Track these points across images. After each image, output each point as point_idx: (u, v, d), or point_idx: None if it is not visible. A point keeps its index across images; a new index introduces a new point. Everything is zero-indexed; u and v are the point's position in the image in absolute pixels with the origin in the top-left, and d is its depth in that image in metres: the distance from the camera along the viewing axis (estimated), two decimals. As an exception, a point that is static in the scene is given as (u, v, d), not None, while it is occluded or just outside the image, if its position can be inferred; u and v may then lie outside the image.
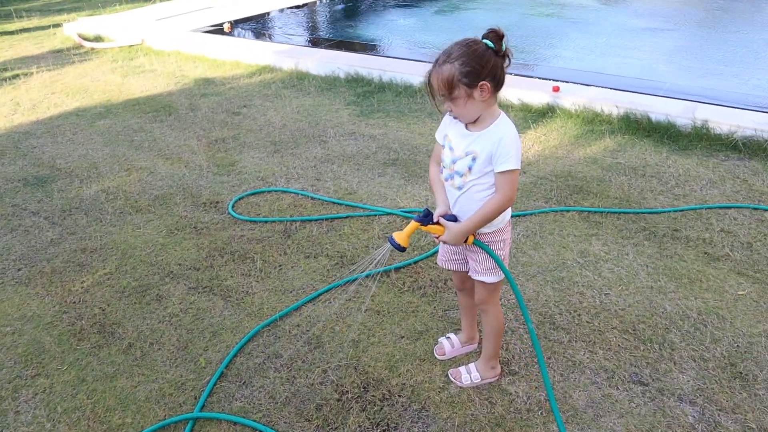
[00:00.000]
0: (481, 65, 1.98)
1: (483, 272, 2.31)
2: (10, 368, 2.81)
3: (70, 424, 2.49)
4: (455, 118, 2.14)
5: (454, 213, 2.23)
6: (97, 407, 2.56)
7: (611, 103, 5.02)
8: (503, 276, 2.31)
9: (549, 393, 2.25)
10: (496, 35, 1.99)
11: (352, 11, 10.20)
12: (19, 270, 3.55)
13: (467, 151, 2.13)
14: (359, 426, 2.39)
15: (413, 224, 2.17)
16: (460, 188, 2.18)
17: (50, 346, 2.93)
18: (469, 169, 2.12)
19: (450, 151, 2.19)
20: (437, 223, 2.19)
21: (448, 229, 2.17)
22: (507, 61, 2.03)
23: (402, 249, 2.17)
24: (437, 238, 2.23)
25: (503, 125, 2.10)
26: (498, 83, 2.04)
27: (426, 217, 2.16)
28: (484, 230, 2.23)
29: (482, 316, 2.50)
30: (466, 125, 2.14)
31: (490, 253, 2.23)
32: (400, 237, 2.16)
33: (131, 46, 8.43)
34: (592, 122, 4.96)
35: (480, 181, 2.14)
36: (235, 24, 8.85)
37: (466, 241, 2.19)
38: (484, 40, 2.00)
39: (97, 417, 2.52)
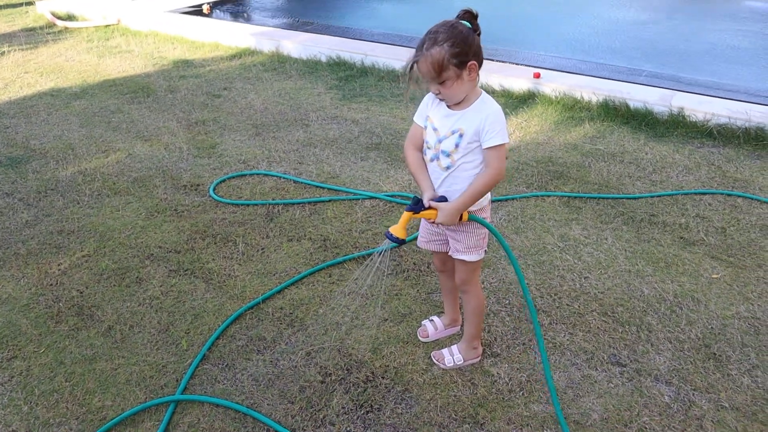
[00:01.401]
0: (468, 45, 2.00)
1: (463, 251, 2.32)
2: (-14, 351, 2.78)
3: (48, 407, 2.47)
4: (442, 100, 2.15)
5: (440, 194, 2.24)
6: (76, 390, 2.54)
7: (591, 90, 5.07)
8: (483, 255, 2.34)
9: (546, 370, 2.26)
10: (471, 15, 2.04)
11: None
12: (-6, 252, 3.49)
13: (453, 129, 2.14)
14: (343, 408, 2.40)
15: (406, 215, 2.16)
16: (447, 168, 2.18)
17: (27, 329, 2.89)
18: (456, 146, 2.13)
19: (434, 132, 2.20)
20: (429, 207, 2.18)
21: (441, 210, 2.16)
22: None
23: (401, 242, 2.17)
24: (432, 221, 2.23)
25: (488, 102, 2.13)
26: (481, 62, 2.07)
27: (417, 205, 2.16)
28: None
29: (463, 297, 2.52)
30: (449, 105, 2.15)
31: (487, 226, 2.24)
32: (396, 230, 2.15)
33: (107, 26, 8.27)
34: (572, 109, 5.00)
35: (467, 159, 2.15)
36: (214, 6, 8.72)
37: (461, 219, 2.19)
38: (462, 21, 2.02)
39: (76, 399, 2.50)
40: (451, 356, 2.56)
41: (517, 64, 5.86)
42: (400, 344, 2.69)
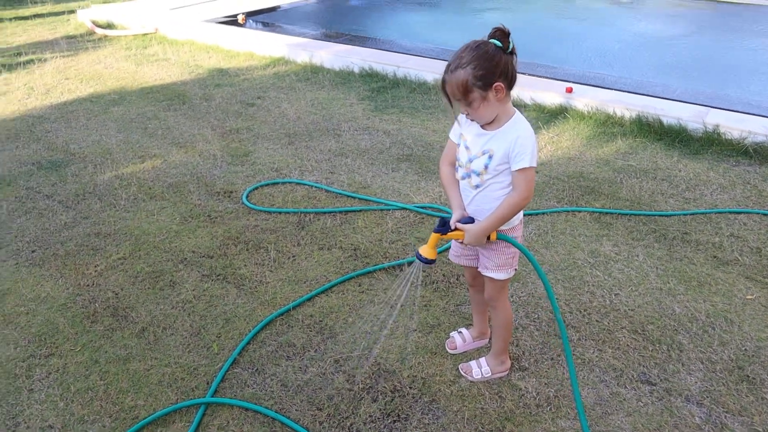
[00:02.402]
0: (493, 66, 1.99)
1: (492, 269, 2.33)
2: (24, 347, 2.85)
3: (83, 404, 2.53)
4: (472, 120, 2.16)
5: (469, 211, 2.25)
6: (110, 388, 2.60)
7: (623, 106, 5.04)
8: (512, 274, 2.35)
9: (574, 386, 2.21)
10: (502, 33, 2.00)
11: (367, 6, 10.21)
12: (33, 252, 3.59)
13: (484, 150, 2.14)
14: (370, 416, 2.42)
15: (434, 236, 2.19)
16: (477, 187, 2.20)
17: (64, 327, 2.97)
18: (486, 167, 2.14)
19: (466, 150, 2.21)
20: (456, 228, 2.21)
21: (467, 232, 2.19)
22: (515, 57, 2.04)
23: (431, 262, 2.20)
24: (460, 242, 2.25)
25: (519, 123, 2.11)
26: (511, 81, 2.05)
27: (444, 227, 2.19)
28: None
29: (491, 312, 2.53)
30: (481, 125, 2.16)
31: (517, 245, 2.25)
32: (425, 251, 2.19)
33: (145, 34, 8.46)
34: (605, 124, 4.98)
35: (497, 179, 2.16)
36: (249, 16, 8.87)
37: (489, 239, 2.21)
38: (492, 40, 2.01)
39: (109, 398, 2.55)
40: (479, 369, 2.56)
41: (549, 78, 5.85)
42: (429, 355, 2.71)
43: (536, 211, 3.78)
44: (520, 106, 5.45)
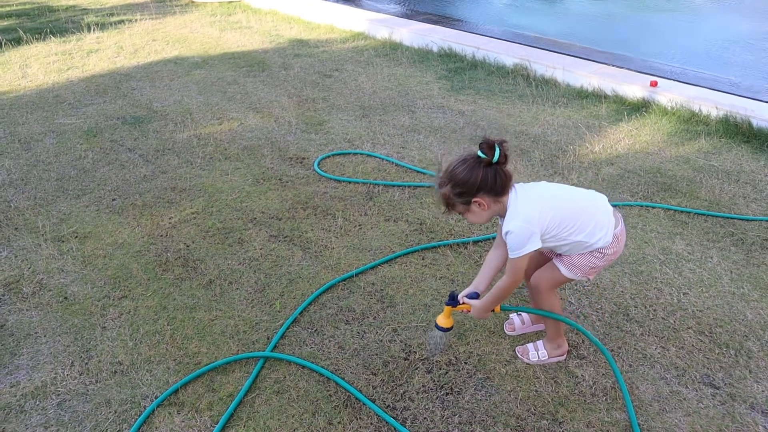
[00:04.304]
0: (470, 186, 2.11)
1: (564, 265, 2.33)
2: (100, 288, 3.01)
3: (150, 346, 2.65)
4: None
5: None
6: (176, 334, 2.71)
7: (710, 104, 4.83)
8: (579, 278, 2.36)
9: (619, 379, 2.21)
10: (488, 146, 2.06)
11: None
12: (113, 200, 3.76)
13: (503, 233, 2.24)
14: (423, 386, 2.44)
15: (447, 308, 2.41)
16: None
17: (137, 273, 3.11)
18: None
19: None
20: (463, 303, 2.42)
21: (473, 306, 2.38)
22: (506, 162, 2.11)
23: (449, 329, 2.44)
24: (468, 312, 2.43)
25: (512, 218, 2.16)
26: (496, 189, 2.12)
27: (453, 300, 2.39)
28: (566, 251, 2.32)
29: (536, 300, 2.50)
30: None
31: (546, 314, 2.45)
32: (442, 321, 2.42)
33: (230, 2, 8.64)
34: (689, 121, 4.80)
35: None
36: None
37: (493, 311, 2.41)
38: (478, 151, 2.08)
39: (175, 343, 2.67)
40: (536, 351, 2.54)
41: (633, 70, 5.66)
42: (486, 333, 2.70)
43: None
44: (600, 96, 5.31)
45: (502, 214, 2.21)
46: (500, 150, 2.06)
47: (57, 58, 6.48)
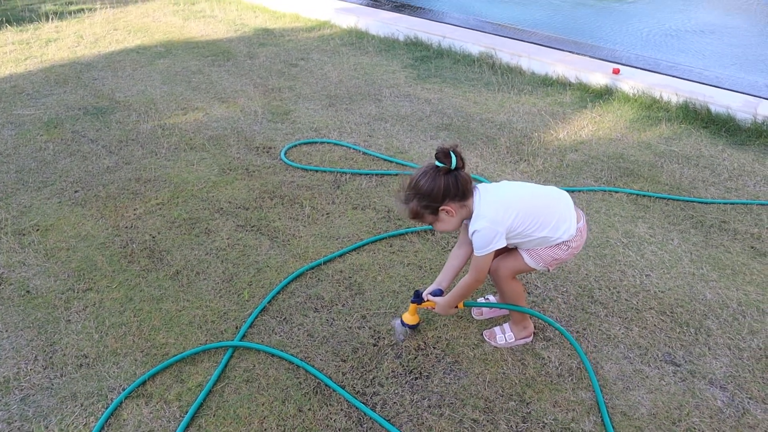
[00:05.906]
0: (434, 195, 2.17)
1: (528, 254, 2.37)
2: (63, 281, 2.96)
3: (116, 338, 2.62)
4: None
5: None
6: (143, 325, 2.69)
7: (671, 91, 4.93)
8: (541, 269, 2.42)
9: (583, 359, 2.27)
10: (443, 154, 2.13)
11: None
12: (76, 192, 3.69)
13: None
14: (393, 371, 2.46)
15: (411, 306, 2.50)
16: None
17: (102, 265, 3.06)
18: None
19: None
20: (427, 300, 2.49)
21: (437, 303, 2.46)
22: (464, 166, 2.18)
23: (414, 327, 2.55)
24: (433, 309, 2.51)
25: (478, 219, 2.23)
26: (460, 194, 2.19)
27: (418, 298, 2.48)
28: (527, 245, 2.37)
29: (498, 286, 2.54)
30: None
31: (508, 307, 2.53)
32: (407, 318, 2.52)
33: (194, -10, 8.50)
34: (650, 108, 4.89)
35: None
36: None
37: (457, 307, 2.49)
38: (436, 161, 2.14)
39: (142, 334, 2.64)
40: (503, 334, 2.58)
41: (595, 58, 5.75)
42: (454, 318, 2.73)
43: (572, 188, 3.75)
44: (564, 84, 5.38)
45: (469, 217, 2.26)
46: (455, 155, 2.13)
47: (14, 47, 6.32)
